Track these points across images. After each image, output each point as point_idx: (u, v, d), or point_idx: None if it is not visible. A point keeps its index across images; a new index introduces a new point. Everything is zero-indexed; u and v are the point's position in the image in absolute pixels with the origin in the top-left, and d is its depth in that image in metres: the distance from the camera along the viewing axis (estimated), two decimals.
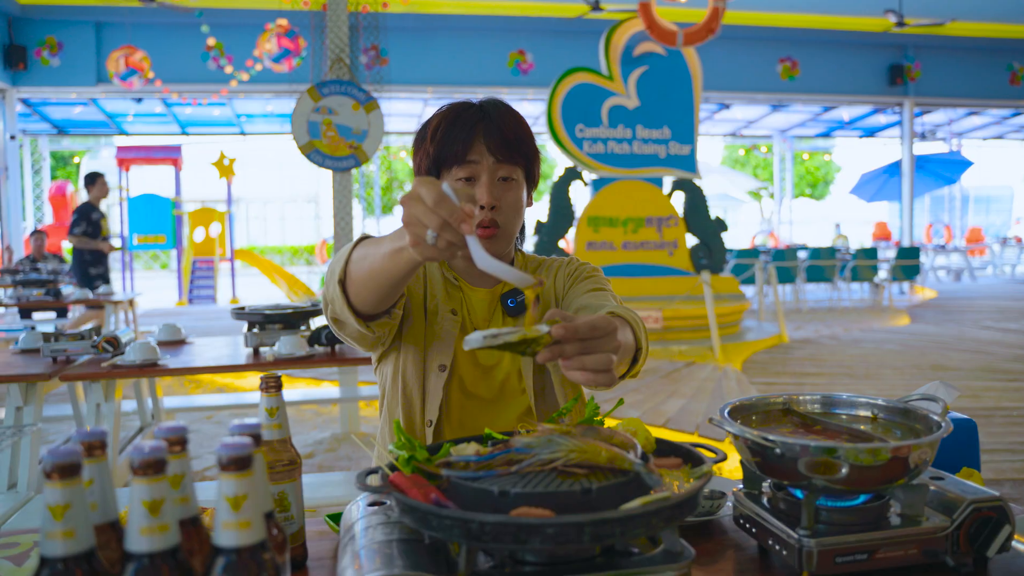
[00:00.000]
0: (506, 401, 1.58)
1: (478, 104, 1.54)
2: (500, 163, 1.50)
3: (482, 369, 1.57)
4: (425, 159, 1.53)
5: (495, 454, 1.01)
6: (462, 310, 1.59)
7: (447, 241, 1.03)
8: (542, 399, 1.58)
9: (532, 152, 1.55)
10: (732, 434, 1.15)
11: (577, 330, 0.98)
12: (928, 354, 7.39)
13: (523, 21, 12.95)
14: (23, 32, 11.83)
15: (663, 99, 8.96)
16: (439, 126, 1.51)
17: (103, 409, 3.11)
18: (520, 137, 1.52)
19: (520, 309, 1.57)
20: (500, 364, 1.58)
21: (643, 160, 8.91)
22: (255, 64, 10.83)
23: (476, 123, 1.50)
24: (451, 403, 1.55)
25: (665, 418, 5.03)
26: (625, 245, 8.78)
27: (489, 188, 1.48)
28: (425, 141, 1.53)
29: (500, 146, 1.49)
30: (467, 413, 1.56)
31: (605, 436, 1.07)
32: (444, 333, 1.55)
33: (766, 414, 1.31)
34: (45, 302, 6.63)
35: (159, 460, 0.75)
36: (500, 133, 1.50)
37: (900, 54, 14.70)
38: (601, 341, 1.01)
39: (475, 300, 1.60)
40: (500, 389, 1.57)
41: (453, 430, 1.55)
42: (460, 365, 1.56)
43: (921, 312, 11.37)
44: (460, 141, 1.48)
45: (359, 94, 5.42)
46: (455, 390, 1.56)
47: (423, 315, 1.58)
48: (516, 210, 1.53)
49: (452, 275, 1.61)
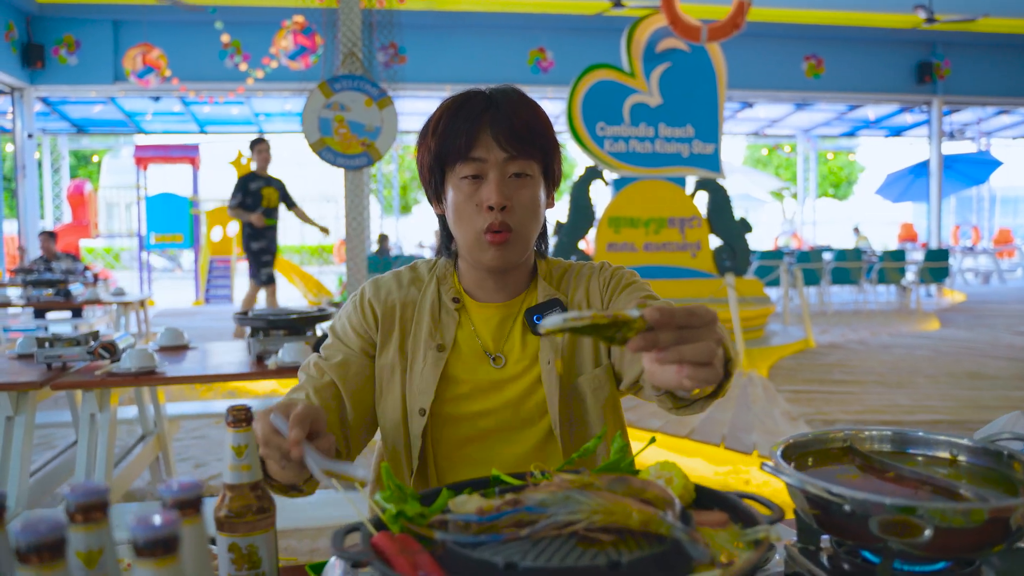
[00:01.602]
0: (519, 434, 1.38)
1: (486, 92, 1.36)
2: (512, 158, 1.31)
3: (476, 410, 1.38)
4: (427, 155, 1.36)
5: (501, 513, 0.82)
6: (462, 336, 1.40)
7: (276, 460, 1.04)
8: (570, 431, 1.38)
9: (550, 145, 1.36)
10: (787, 483, 0.96)
11: (674, 315, 0.84)
12: (962, 361, 7.12)
13: (543, 18, 12.77)
14: (41, 31, 11.79)
15: (686, 96, 8.73)
16: (441, 118, 1.34)
17: (98, 419, 2.95)
18: (534, 128, 1.33)
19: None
20: (504, 396, 1.38)
21: (665, 159, 8.69)
22: (271, 62, 10.72)
23: (482, 113, 1.31)
24: (436, 451, 1.38)
25: (689, 428, 4.82)
26: (647, 246, 8.57)
27: (498, 186, 1.30)
28: (427, 136, 1.36)
29: (510, 138, 1.30)
30: (460, 459, 1.38)
31: (636, 489, 0.88)
32: (426, 372, 1.37)
33: (824, 454, 1.11)
34: (55, 302, 6.52)
35: (56, 541, 0.58)
36: (510, 123, 1.31)
37: (928, 51, 14.36)
38: (701, 331, 0.87)
39: (483, 318, 1.42)
40: (511, 420, 1.38)
41: (443, 477, 1.38)
42: (445, 406, 1.37)
43: (951, 316, 11.06)
44: (464, 133, 1.30)
45: (372, 89, 5.24)
46: (441, 435, 1.38)
47: (400, 356, 1.40)
48: (531, 211, 1.34)
49: (453, 296, 1.43)
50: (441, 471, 1.38)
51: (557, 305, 1.41)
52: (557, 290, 1.43)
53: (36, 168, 13.00)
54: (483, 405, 1.38)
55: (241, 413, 1.00)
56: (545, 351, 1.37)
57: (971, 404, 5.39)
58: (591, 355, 1.40)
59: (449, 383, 1.37)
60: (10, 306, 6.75)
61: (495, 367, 1.38)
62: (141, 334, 7.46)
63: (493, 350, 1.40)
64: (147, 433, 3.84)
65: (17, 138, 12.10)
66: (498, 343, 1.40)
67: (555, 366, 1.37)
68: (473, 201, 1.31)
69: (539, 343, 1.39)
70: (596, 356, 1.40)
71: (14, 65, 11.47)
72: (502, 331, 1.41)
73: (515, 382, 1.38)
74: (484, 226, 1.30)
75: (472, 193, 1.31)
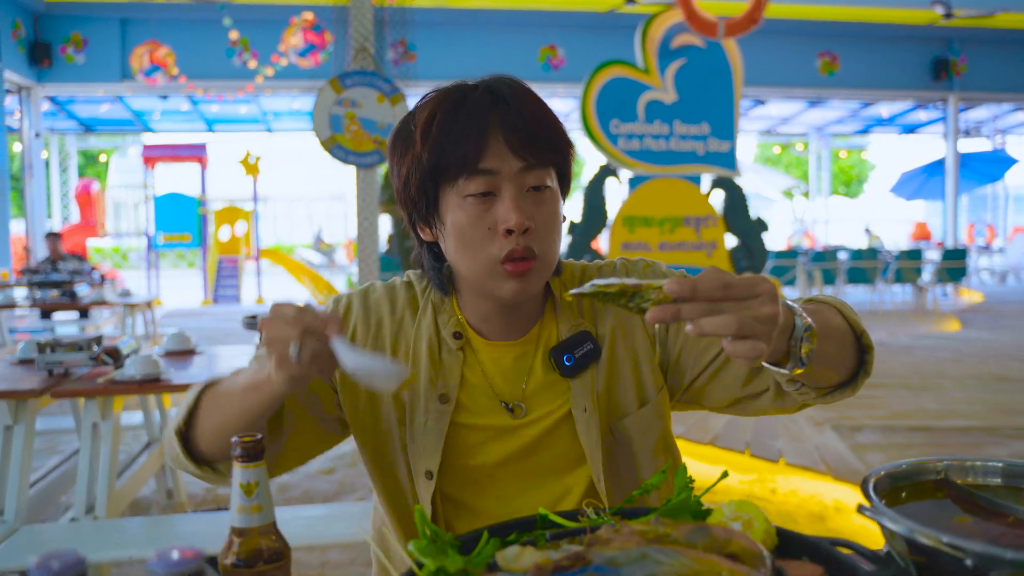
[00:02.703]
0: (551, 484, 1.16)
1: (484, 85, 1.10)
2: (528, 168, 1.06)
3: (492, 462, 1.15)
4: (414, 169, 1.08)
5: (565, 574, 0.69)
6: (469, 381, 1.16)
7: (311, 352, 0.91)
8: (616, 481, 1.16)
9: (566, 146, 1.12)
10: (889, 529, 0.82)
11: (696, 286, 0.78)
12: (987, 363, 6.96)
13: (554, 15, 12.63)
14: (48, 29, 11.73)
15: (702, 93, 8.58)
16: (433, 119, 1.06)
17: (100, 428, 2.83)
18: (550, 126, 1.09)
19: (580, 367, 1.15)
20: (524, 440, 1.15)
21: (681, 157, 8.54)
22: (280, 59, 10.60)
23: (487, 112, 1.06)
24: (446, 508, 1.17)
25: (712, 435, 4.67)
26: (661, 246, 8.42)
27: (518, 204, 1.05)
28: (413, 144, 1.08)
29: (526, 142, 1.06)
30: (481, 512, 1.16)
31: (720, 542, 0.74)
32: (429, 429, 1.13)
33: (920, 488, 0.97)
34: (60, 303, 6.42)
35: None
36: (523, 123, 1.06)
37: (945, 47, 14.15)
38: (730, 304, 0.79)
39: (492, 358, 1.16)
40: (538, 468, 1.16)
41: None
42: (454, 458, 1.15)
43: (971, 317, 10.87)
44: (469, 138, 1.04)
45: (384, 85, 5.11)
46: (452, 491, 1.16)
47: (396, 407, 1.15)
48: (554, 229, 1.10)
49: (454, 330, 1.16)
50: (458, 530, 1.16)
51: (588, 340, 1.16)
52: (580, 316, 1.18)
53: (44, 168, 12.92)
54: (500, 453, 1.15)
55: (250, 445, 0.87)
56: (579, 396, 1.14)
57: (1001, 408, 5.24)
58: (634, 391, 1.17)
59: (458, 430, 1.15)
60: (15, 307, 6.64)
61: (512, 418, 1.15)
62: (148, 335, 7.35)
63: (509, 398, 1.16)
64: (153, 440, 3.72)
65: (24, 137, 12.03)
66: (514, 389, 1.16)
67: (593, 413, 1.14)
68: (484, 224, 1.05)
69: (569, 388, 1.15)
70: (640, 392, 1.18)
71: (21, 64, 11.39)
72: (517, 374, 1.16)
73: (538, 429, 1.16)
74: (502, 254, 1.05)
75: (482, 214, 1.05)
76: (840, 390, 1.05)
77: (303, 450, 1.17)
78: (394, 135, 1.14)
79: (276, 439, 1.14)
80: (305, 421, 1.16)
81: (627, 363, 1.18)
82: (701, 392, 1.19)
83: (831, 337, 0.98)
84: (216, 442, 1.06)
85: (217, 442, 1.06)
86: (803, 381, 1.00)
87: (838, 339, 1.00)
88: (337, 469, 4.30)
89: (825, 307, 1.04)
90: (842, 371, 1.03)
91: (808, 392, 1.03)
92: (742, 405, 1.16)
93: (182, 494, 3.73)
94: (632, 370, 1.18)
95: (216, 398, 1.07)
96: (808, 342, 0.90)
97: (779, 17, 12.50)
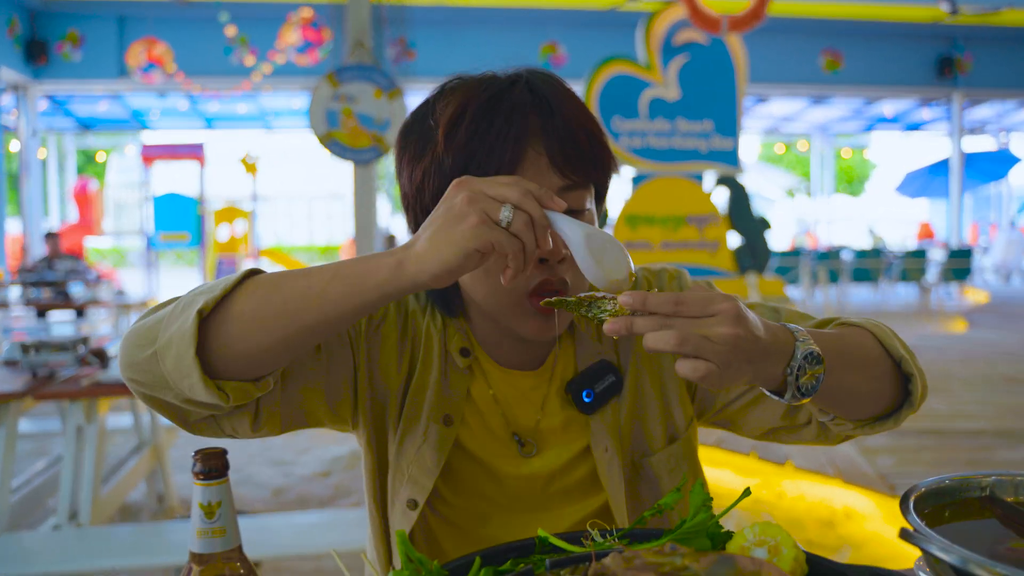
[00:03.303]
0: (558, 510, 1.03)
1: (523, 80, 0.94)
2: (571, 187, 0.92)
3: (491, 494, 1.02)
4: (433, 174, 0.92)
5: None
6: (476, 403, 1.02)
7: (524, 220, 0.77)
8: (636, 506, 1.03)
9: (612, 164, 0.98)
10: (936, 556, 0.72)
11: (647, 299, 0.74)
12: (996, 364, 6.87)
13: (555, 13, 12.55)
14: (44, 26, 11.64)
15: (705, 90, 8.50)
16: (461, 116, 0.90)
17: (85, 432, 2.73)
18: (596, 140, 0.95)
19: (601, 402, 1.02)
20: (533, 470, 1.02)
21: (684, 155, 8.47)
22: (278, 56, 10.52)
23: (527, 114, 0.91)
24: (439, 536, 1.03)
25: (716, 436, 4.57)
26: (664, 245, 8.33)
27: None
28: (433, 143, 0.92)
29: (571, 157, 0.91)
30: (474, 541, 1.03)
31: (747, 574, 0.64)
32: (424, 454, 0.99)
33: (964, 507, 0.87)
34: (54, 303, 6.33)
35: None
36: (569, 133, 0.91)
37: (949, 45, 14.04)
38: (689, 321, 0.73)
39: (503, 384, 1.03)
40: (545, 495, 1.03)
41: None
42: (451, 493, 1.01)
43: (977, 317, 10.78)
44: (506, 147, 0.88)
45: (382, 80, 5.02)
46: (446, 520, 1.03)
47: (397, 409, 1.01)
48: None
49: (462, 346, 1.02)
50: (450, 553, 1.03)
51: (610, 372, 1.03)
52: (600, 341, 1.06)
53: (40, 167, 12.85)
54: (507, 485, 1.03)
55: (213, 459, 0.76)
56: (599, 435, 1.02)
57: (1012, 411, 5.16)
58: (661, 427, 1.05)
59: (458, 456, 1.02)
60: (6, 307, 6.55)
61: (523, 455, 1.03)
62: None
63: (521, 429, 1.03)
64: (143, 443, 3.62)
65: (21, 135, 11.94)
66: (527, 420, 1.03)
67: (615, 453, 1.02)
68: None
69: (588, 425, 1.03)
70: (668, 427, 1.06)
71: (17, 61, 11.31)
72: (530, 406, 1.03)
73: (551, 466, 1.03)
74: (532, 285, 0.92)
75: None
76: (880, 422, 0.94)
77: (292, 416, 0.98)
78: (407, 129, 0.97)
79: (293, 380, 0.95)
80: (319, 378, 0.98)
81: (653, 395, 1.06)
82: (735, 418, 1.08)
83: (854, 366, 0.87)
84: (252, 339, 0.81)
85: (253, 339, 0.81)
86: (834, 412, 0.90)
87: (866, 368, 0.89)
88: (333, 472, 4.22)
89: (855, 331, 0.93)
90: (877, 402, 0.92)
91: (844, 423, 0.93)
92: (779, 435, 1.06)
93: (173, 498, 3.63)
94: (659, 402, 1.06)
95: (275, 283, 0.83)
96: (810, 371, 0.80)
97: (782, 14, 12.39)
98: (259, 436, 0.95)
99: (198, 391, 0.81)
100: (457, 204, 0.77)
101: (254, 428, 0.93)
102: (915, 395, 0.92)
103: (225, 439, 0.95)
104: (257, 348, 0.82)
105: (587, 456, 1.03)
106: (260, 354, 0.83)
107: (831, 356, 0.82)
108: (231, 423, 0.92)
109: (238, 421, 0.91)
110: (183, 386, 0.82)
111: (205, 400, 0.83)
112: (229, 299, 0.82)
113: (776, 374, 0.79)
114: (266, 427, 0.95)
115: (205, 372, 0.80)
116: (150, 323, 0.84)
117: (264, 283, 0.83)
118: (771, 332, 0.79)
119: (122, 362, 0.85)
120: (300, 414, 0.98)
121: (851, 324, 0.96)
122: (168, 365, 0.81)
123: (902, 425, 0.97)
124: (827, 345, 0.83)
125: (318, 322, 0.81)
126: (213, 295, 0.81)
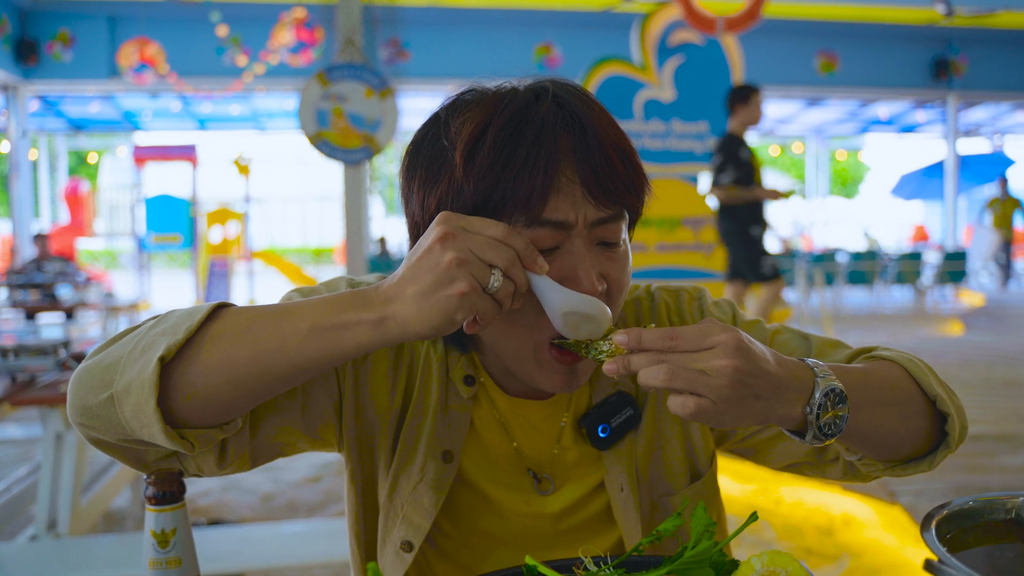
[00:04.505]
0: (573, 545, 0.95)
1: (550, 95, 0.84)
2: (607, 220, 0.82)
3: (497, 532, 0.94)
4: (450, 202, 0.80)
5: None
6: (481, 435, 0.94)
7: (509, 291, 0.73)
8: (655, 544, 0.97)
9: (646, 188, 0.88)
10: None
11: (642, 336, 0.72)
12: (995, 368, 6.82)
13: (549, 14, 12.50)
14: (35, 26, 11.55)
15: (700, 91, 8.47)
16: (482, 136, 0.79)
17: (65, 439, 2.65)
18: (631, 159, 0.85)
19: (616, 438, 0.94)
20: (545, 509, 0.95)
21: (679, 156, 8.43)
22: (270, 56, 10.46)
23: (558, 136, 0.80)
24: (429, 558, 0.96)
25: None
26: (659, 247, 8.28)
27: (592, 265, 0.81)
28: (450, 167, 0.80)
29: (609, 185, 0.81)
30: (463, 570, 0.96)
31: None
32: (421, 494, 0.91)
33: (989, 530, 0.81)
34: (41, 305, 6.26)
35: None
36: (605, 156, 0.80)
37: (944, 47, 14.04)
38: (683, 356, 0.70)
39: (513, 414, 0.95)
40: (560, 535, 0.96)
41: None
42: (451, 527, 0.94)
43: (973, 320, 10.74)
44: (536, 174, 0.77)
45: (373, 79, 4.95)
46: (438, 569, 0.95)
47: (389, 442, 0.94)
48: (623, 292, 0.87)
49: (465, 373, 0.93)
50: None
51: (628, 405, 0.95)
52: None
53: (31, 168, 12.76)
54: (514, 523, 0.95)
55: (167, 482, 0.69)
56: (615, 473, 0.94)
57: (1013, 415, 5.12)
58: (682, 464, 0.98)
59: (461, 491, 0.94)
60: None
61: (539, 492, 0.95)
62: None
63: (539, 468, 0.95)
64: None
65: (11, 136, 11.85)
66: (542, 456, 0.95)
67: (631, 492, 0.95)
68: None
69: (603, 462, 0.95)
70: (689, 464, 0.98)
71: (7, 61, 11.21)
72: (542, 438, 0.95)
73: (564, 503, 0.96)
74: (555, 333, 0.82)
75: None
76: (914, 463, 0.87)
77: (264, 452, 0.91)
78: (415, 148, 0.85)
79: (269, 418, 0.88)
80: (296, 415, 0.91)
81: (672, 429, 0.98)
82: (759, 448, 1.00)
83: (882, 403, 0.81)
84: (218, 390, 0.75)
85: (219, 390, 0.75)
86: (862, 452, 0.84)
87: (896, 406, 0.83)
88: (324, 478, 4.14)
89: (885, 365, 0.86)
90: (909, 443, 0.85)
91: (873, 464, 0.86)
92: (804, 471, 0.99)
93: None
94: (679, 437, 0.98)
95: (244, 330, 0.75)
96: (833, 410, 0.73)
97: (778, 16, 12.36)
98: (227, 474, 0.88)
99: (159, 440, 0.74)
100: (444, 263, 0.70)
101: (220, 467, 0.85)
102: (952, 436, 0.86)
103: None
104: (224, 399, 0.76)
105: (601, 492, 0.96)
106: (226, 404, 0.77)
107: (856, 393, 0.76)
108: (194, 463, 0.84)
109: (202, 460, 0.84)
110: (143, 435, 0.75)
111: (167, 448, 0.77)
112: (194, 344, 0.75)
113: (794, 413, 0.73)
114: (234, 465, 0.87)
115: (167, 421, 0.74)
116: (105, 362, 0.76)
117: (231, 329, 0.76)
118: (785, 366, 0.73)
119: (73, 405, 0.77)
120: (275, 447, 0.91)
121: (882, 358, 0.89)
122: (127, 413, 0.74)
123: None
124: (852, 381, 0.77)
125: (292, 376, 0.77)
126: (176, 339, 0.74)
